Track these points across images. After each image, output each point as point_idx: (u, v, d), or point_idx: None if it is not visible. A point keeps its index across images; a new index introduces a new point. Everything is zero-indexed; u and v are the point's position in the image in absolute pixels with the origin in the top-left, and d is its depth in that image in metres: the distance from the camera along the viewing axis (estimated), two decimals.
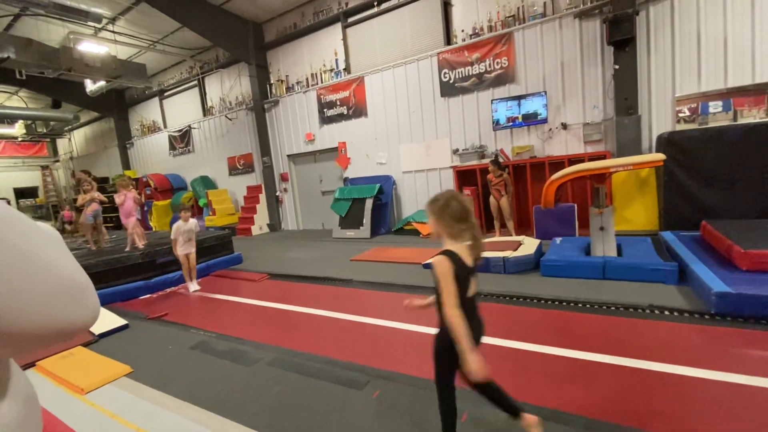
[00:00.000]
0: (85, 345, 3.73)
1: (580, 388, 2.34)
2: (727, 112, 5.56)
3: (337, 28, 9.05)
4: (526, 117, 6.80)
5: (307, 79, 9.79)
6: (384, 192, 8.45)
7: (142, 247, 6.07)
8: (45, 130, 16.18)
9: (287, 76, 10.18)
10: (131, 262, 5.59)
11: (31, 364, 3.31)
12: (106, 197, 6.76)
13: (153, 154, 14.14)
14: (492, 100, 7.10)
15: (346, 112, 9.17)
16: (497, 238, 5.94)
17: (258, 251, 7.88)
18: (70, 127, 16.53)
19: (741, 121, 5.41)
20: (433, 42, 7.91)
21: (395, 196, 8.77)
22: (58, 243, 0.52)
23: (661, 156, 4.03)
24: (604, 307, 3.44)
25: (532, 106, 6.71)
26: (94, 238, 6.57)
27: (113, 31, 9.84)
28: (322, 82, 9.50)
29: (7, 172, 16.74)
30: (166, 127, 13.56)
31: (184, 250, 5.41)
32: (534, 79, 6.85)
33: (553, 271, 4.35)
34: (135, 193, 6.35)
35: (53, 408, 2.67)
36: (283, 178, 10.67)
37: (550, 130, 6.78)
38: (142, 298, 5.38)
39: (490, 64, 7.20)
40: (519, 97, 6.83)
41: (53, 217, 16.44)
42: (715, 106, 5.63)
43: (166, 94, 13.22)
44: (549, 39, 6.63)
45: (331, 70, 9.35)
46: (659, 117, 5.95)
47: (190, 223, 5.41)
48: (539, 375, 2.54)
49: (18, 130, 15.65)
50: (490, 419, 2.13)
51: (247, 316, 4.30)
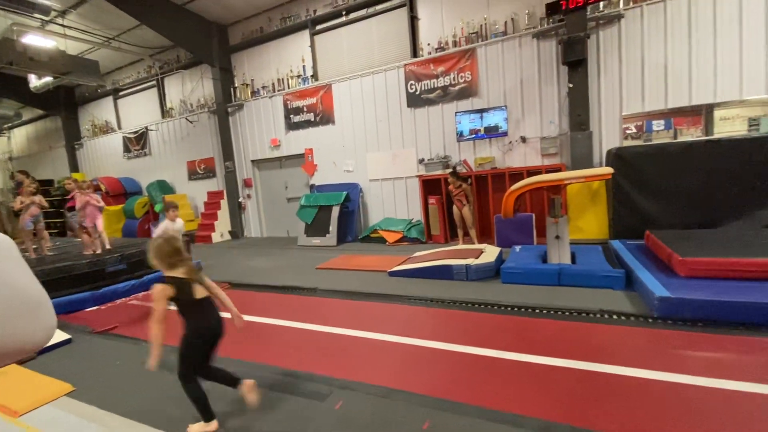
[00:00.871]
0: (20, 363, 3.41)
1: (536, 392, 2.43)
2: (668, 130, 6.06)
3: (305, 34, 9.02)
4: (487, 130, 7.06)
5: (273, 84, 9.65)
6: (351, 200, 8.44)
7: (100, 252, 5.73)
8: None
9: (252, 80, 9.99)
10: (77, 272, 5.21)
11: None
12: (48, 201, 6.31)
13: (105, 156, 13.32)
14: (456, 113, 7.32)
15: (313, 119, 9.12)
16: (460, 246, 6.09)
17: (219, 259, 7.60)
18: (10, 124, 15.25)
19: (680, 138, 5.90)
20: (400, 53, 8.07)
21: (362, 204, 8.78)
22: (11, 253, 0.47)
23: (610, 170, 4.32)
24: (559, 312, 3.61)
25: (493, 119, 6.99)
26: (34, 244, 6.08)
27: (63, 25, 9.25)
28: (289, 88, 9.40)
29: None
30: (120, 128, 12.84)
31: None
32: (495, 94, 7.15)
33: (512, 278, 4.51)
34: (98, 197, 6.01)
35: None
36: (247, 184, 10.39)
37: (510, 142, 7.08)
38: (88, 310, 5.01)
39: (454, 78, 7.44)
40: (481, 111, 7.09)
41: None
42: (658, 125, 6.11)
43: (122, 93, 12.56)
44: (509, 56, 6.96)
45: (299, 76, 9.28)
46: (609, 133, 6.39)
47: (178, 223, 4.95)
48: (498, 380, 2.61)
49: None
50: (452, 427, 2.16)
51: None
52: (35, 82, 10.19)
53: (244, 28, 9.88)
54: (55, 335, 3.86)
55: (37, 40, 8.12)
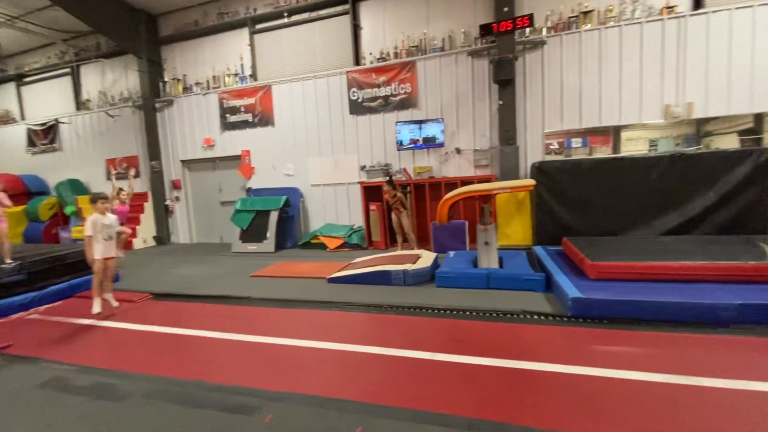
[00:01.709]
0: None
1: (464, 391, 2.55)
2: (585, 147, 6.76)
3: (244, 32, 8.70)
4: (426, 140, 7.33)
5: (208, 81, 9.15)
6: (291, 204, 8.23)
7: (9, 263, 4.94)
8: None
9: (185, 75, 9.38)
10: None
11: None
12: None
13: (3, 151, 11.62)
14: (396, 122, 7.51)
15: (251, 120, 8.78)
16: (399, 252, 6.22)
17: (141, 268, 6.95)
18: None
19: (594, 155, 6.61)
20: (343, 60, 8.10)
21: (303, 209, 8.60)
22: None
23: (532, 182, 4.71)
24: (487, 314, 3.83)
25: (431, 130, 7.28)
26: None
27: None
28: (226, 86, 8.97)
29: None
30: (24, 118, 11.31)
31: (104, 253, 4.33)
32: (433, 106, 7.45)
33: (446, 282, 4.70)
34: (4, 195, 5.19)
35: None
36: (175, 186, 9.68)
37: (447, 153, 7.42)
38: None
39: (395, 89, 7.63)
40: (420, 122, 7.35)
41: None
42: (576, 142, 6.79)
43: (27, 80, 11.08)
44: (447, 72, 7.31)
45: (236, 75, 8.90)
46: (533, 148, 6.96)
47: (111, 217, 4.39)
48: (429, 381, 2.70)
49: None
50: (383, 431, 2.19)
51: (120, 343, 3.74)
52: None
53: (177, 20, 9.28)
54: None
55: None
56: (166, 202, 9.68)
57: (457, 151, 7.34)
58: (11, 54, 10.86)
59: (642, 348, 3.04)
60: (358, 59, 7.97)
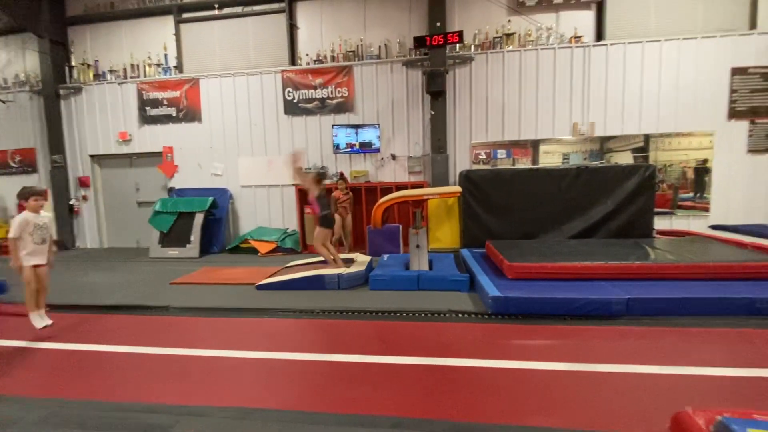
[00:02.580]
0: None
1: (392, 391, 2.61)
2: (509, 158, 7.32)
3: (169, 20, 8.09)
4: (362, 145, 7.41)
5: (125, 69, 8.33)
6: (218, 206, 7.78)
7: None
8: None
9: (97, 60, 8.45)
10: None
11: None
12: None
13: None
14: (333, 125, 7.49)
15: (175, 114, 8.16)
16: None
17: None
18: None
19: (517, 165, 7.20)
20: (278, 59, 7.89)
21: (232, 211, 8.17)
22: None
23: (458, 189, 5.02)
24: (416, 314, 3.97)
25: (367, 135, 7.38)
26: None
27: None
28: (146, 76, 8.25)
29: None
30: None
31: (34, 259, 3.61)
32: (370, 112, 7.57)
33: (379, 284, 4.79)
34: None
35: None
36: (83, 183, 8.64)
37: (382, 159, 7.57)
38: None
39: (332, 92, 7.61)
40: (357, 126, 7.41)
41: None
42: (501, 153, 7.34)
43: None
44: (383, 79, 7.48)
45: (159, 65, 8.23)
46: (461, 157, 7.39)
47: (44, 216, 3.63)
48: (358, 384, 2.72)
49: None
50: None
51: (9, 364, 3.24)
52: None
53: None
54: None
55: None
56: (71, 202, 8.59)
57: (393, 157, 7.53)
58: None
59: (552, 340, 3.37)
60: (294, 59, 7.83)
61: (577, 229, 6.20)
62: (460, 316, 3.92)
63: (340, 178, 6.69)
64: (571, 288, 3.97)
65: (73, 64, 8.45)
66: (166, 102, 8.16)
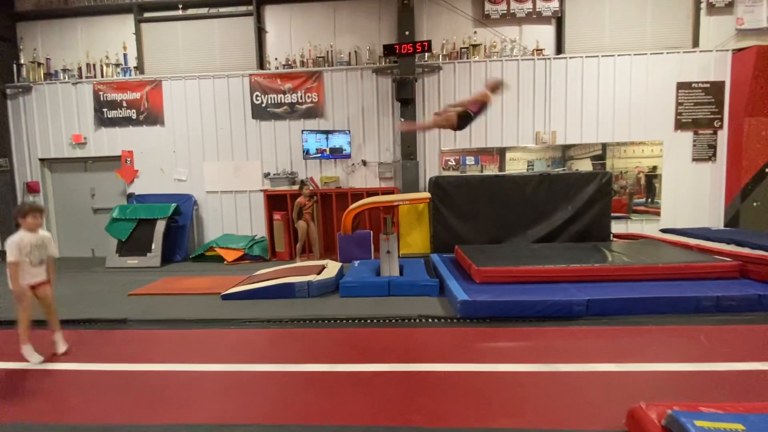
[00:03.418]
0: None
1: (361, 399, 2.59)
2: (477, 165, 7.51)
3: (129, 19, 7.76)
4: (333, 150, 7.38)
5: (80, 68, 7.90)
6: (182, 213, 7.48)
7: None
8: None
9: (48, 59, 7.97)
10: None
11: None
12: None
13: None
14: (303, 131, 7.41)
15: (135, 117, 7.81)
16: (303, 263, 6.10)
17: None
18: None
19: (485, 172, 7.39)
20: (245, 62, 7.75)
21: (196, 218, 7.89)
22: None
23: (427, 195, 5.10)
24: (386, 320, 3.98)
25: (338, 141, 7.36)
26: None
27: None
28: (104, 77, 7.86)
29: None
30: None
31: (33, 279, 3.29)
32: (340, 118, 7.56)
33: (350, 291, 4.76)
34: None
35: None
36: (31, 189, 8.07)
37: (353, 164, 7.57)
38: None
39: (301, 97, 7.55)
40: (327, 132, 7.38)
41: None
42: (470, 160, 7.52)
43: None
44: (353, 85, 7.50)
45: (117, 65, 7.86)
46: (431, 164, 7.52)
47: (41, 235, 3.30)
48: (326, 393, 2.68)
49: None
50: None
51: None
52: None
53: None
54: None
55: None
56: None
57: (364, 163, 7.54)
58: None
59: (517, 342, 3.47)
60: (262, 63, 7.71)
61: (540, 234, 6.44)
62: (430, 321, 3.96)
63: (301, 184, 6.68)
64: (535, 291, 4.11)
65: (22, 62, 7.92)
66: (125, 104, 7.79)
